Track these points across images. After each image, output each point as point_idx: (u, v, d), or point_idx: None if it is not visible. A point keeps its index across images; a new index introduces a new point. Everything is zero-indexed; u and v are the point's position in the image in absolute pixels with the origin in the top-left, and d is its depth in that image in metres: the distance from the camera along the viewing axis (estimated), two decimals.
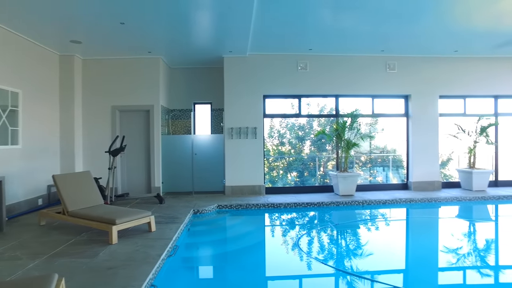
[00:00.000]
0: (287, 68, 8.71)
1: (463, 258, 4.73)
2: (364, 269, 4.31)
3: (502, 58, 9.28)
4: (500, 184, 9.61)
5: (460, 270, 4.36)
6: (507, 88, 9.42)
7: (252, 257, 4.91)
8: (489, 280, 4.09)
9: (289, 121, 10.32)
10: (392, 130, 9.98)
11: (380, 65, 8.94)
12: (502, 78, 9.37)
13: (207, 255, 5.22)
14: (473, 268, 4.42)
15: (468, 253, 4.99)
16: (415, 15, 6.30)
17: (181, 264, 4.54)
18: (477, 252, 5.04)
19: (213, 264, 4.84)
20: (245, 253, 5.07)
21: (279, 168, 10.52)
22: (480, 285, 3.96)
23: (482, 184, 8.79)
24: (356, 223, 6.75)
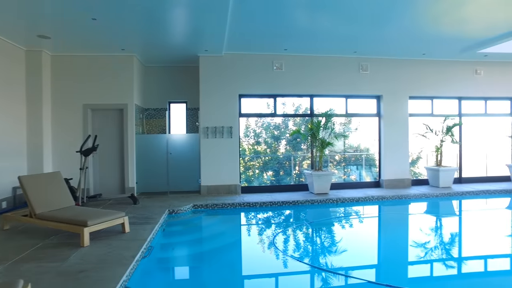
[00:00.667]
0: (262, 68, 8.76)
1: (431, 251, 4.95)
2: (338, 265, 4.41)
3: (465, 62, 9.76)
4: (464, 180, 10.12)
5: (428, 263, 4.55)
6: (469, 90, 9.92)
7: (228, 256, 4.91)
8: (454, 271, 4.31)
9: (265, 121, 10.38)
10: (365, 129, 10.26)
11: (353, 66, 9.17)
12: (465, 80, 9.86)
13: (182, 255, 5.17)
14: (439, 260, 4.63)
15: (435, 246, 5.23)
16: (386, 19, 6.50)
17: (156, 265, 4.47)
18: (443, 245, 5.29)
19: (189, 264, 4.80)
20: (221, 252, 5.06)
21: (255, 168, 10.56)
22: (447, 276, 4.16)
23: (448, 181, 9.22)
24: (330, 220, 6.90)
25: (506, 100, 10.47)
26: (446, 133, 9.36)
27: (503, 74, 10.06)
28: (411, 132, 9.64)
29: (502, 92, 10.16)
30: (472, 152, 10.53)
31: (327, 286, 3.83)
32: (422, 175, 10.40)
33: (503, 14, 6.54)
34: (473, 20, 6.75)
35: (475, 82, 9.92)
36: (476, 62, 9.83)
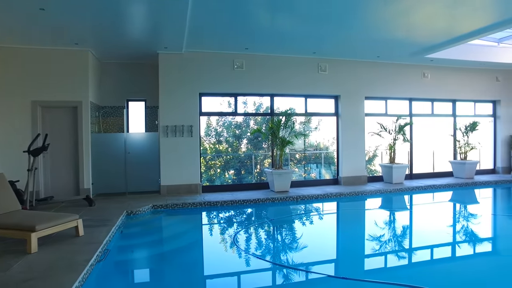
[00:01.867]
0: (223, 67, 8.74)
1: (385, 244, 5.23)
2: (299, 261, 4.53)
3: (414, 65, 10.40)
4: (414, 176, 10.79)
5: (382, 255, 4.81)
6: (418, 92, 10.59)
7: (190, 257, 4.86)
8: (405, 261, 4.59)
9: (226, 120, 10.37)
10: (324, 128, 10.60)
11: (313, 66, 9.42)
12: (415, 83, 10.51)
13: (142, 258, 5.03)
14: (392, 252, 4.90)
15: (389, 239, 5.52)
16: (343, 21, 6.75)
17: (113, 269, 4.33)
18: (396, 237, 5.61)
19: (148, 266, 4.69)
20: (182, 253, 5.00)
21: (217, 167, 10.52)
22: (400, 266, 4.42)
23: (400, 177, 9.77)
24: (291, 218, 7.06)
25: (449, 102, 11.30)
26: (398, 132, 9.91)
27: (447, 78, 10.85)
28: (367, 131, 10.10)
29: (446, 94, 10.96)
30: (421, 150, 11.25)
31: (289, 282, 3.90)
32: (377, 172, 10.93)
33: (444, 24, 7.07)
34: (419, 27, 7.22)
35: (423, 84, 10.60)
36: (424, 66, 10.51)
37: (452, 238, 5.58)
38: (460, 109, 11.47)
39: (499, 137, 11.74)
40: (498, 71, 11.41)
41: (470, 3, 6.05)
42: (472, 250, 5.06)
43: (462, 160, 10.70)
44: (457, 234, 5.83)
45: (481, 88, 11.34)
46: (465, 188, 9.73)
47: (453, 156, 11.38)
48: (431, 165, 11.55)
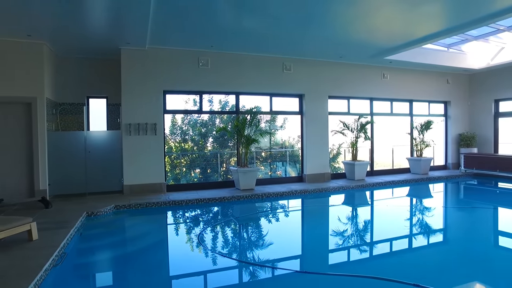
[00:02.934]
0: (188, 64, 8.62)
1: (348, 239, 5.42)
2: (266, 258, 4.58)
3: (375, 67, 10.86)
4: (375, 173, 11.27)
5: (346, 249, 4.98)
6: (379, 92, 11.07)
7: (154, 257, 4.76)
8: (366, 254, 4.79)
9: (192, 118, 10.24)
10: (290, 127, 10.76)
11: (278, 65, 9.54)
12: (375, 83, 10.97)
13: (102, 260, 4.86)
14: (355, 246, 5.09)
15: (352, 233, 5.73)
16: (307, 21, 6.88)
17: (71, 273, 4.15)
18: (359, 232, 5.83)
19: (110, 269, 4.55)
20: (146, 254, 4.89)
21: (182, 165, 10.37)
22: (362, 259, 4.61)
23: (362, 174, 10.17)
24: (256, 215, 7.12)
25: (406, 102, 11.92)
26: (360, 131, 10.29)
27: (404, 79, 11.43)
28: (331, 129, 10.40)
29: (404, 94, 11.54)
30: (382, 148, 11.77)
31: (256, 279, 3.94)
32: (341, 169, 11.29)
33: (401, 28, 7.45)
34: (379, 30, 7.55)
35: (383, 85, 11.09)
36: (383, 67, 10.99)
37: (409, 230, 5.91)
38: (416, 108, 12.12)
39: (450, 136, 12.55)
40: (448, 74, 12.19)
41: (423, 10, 6.42)
42: (427, 240, 5.39)
43: (418, 157, 11.31)
44: (414, 227, 6.18)
45: (434, 90, 12.06)
46: (420, 183, 10.31)
47: (410, 153, 12.01)
48: (391, 162, 12.12)
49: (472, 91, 12.71)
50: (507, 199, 9.00)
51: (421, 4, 6.12)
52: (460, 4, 6.27)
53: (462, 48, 11.21)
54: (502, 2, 6.16)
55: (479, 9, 6.47)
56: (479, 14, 6.70)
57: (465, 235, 5.76)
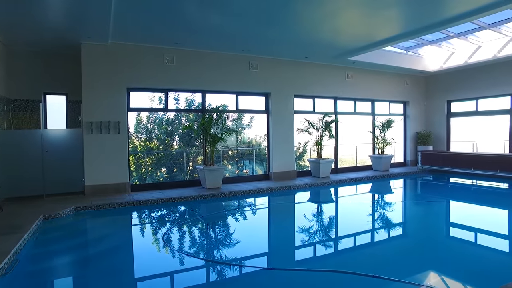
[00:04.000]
0: (153, 61, 8.43)
1: (314, 235, 5.56)
2: (233, 256, 4.58)
3: (339, 67, 11.19)
4: (339, 170, 11.63)
5: (311, 245, 5.09)
6: (342, 91, 11.42)
7: (117, 260, 4.60)
8: (330, 250, 4.93)
9: (158, 116, 10.03)
10: (257, 125, 10.83)
11: (244, 64, 9.57)
12: (339, 83, 11.31)
13: (60, 265, 4.60)
14: (319, 242, 5.24)
15: (317, 230, 5.88)
16: (272, 20, 6.96)
17: (23, 282, 3.88)
18: (324, 228, 6.00)
19: (68, 275, 4.33)
20: (109, 257, 4.71)
21: (147, 165, 10.13)
22: (326, 254, 4.74)
23: (327, 171, 10.45)
24: (223, 214, 7.12)
25: (369, 101, 12.40)
26: (325, 129, 10.56)
27: (367, 80, 11.88)
28: (296, 127, 10.59)
29: (366, 94, 12.00)
30: (346, 146, 12.16)
31: (223, 278, 3.93)
32: (307, 167, 11.53)
33: (363, 30, 7.73)
34: (342, 31, 7.80)
35: (346, 85, 11.45)
36: (347, 68, 11.35)
37: (371, 225, 6.16)
38: (378, 108, 12.65)
39: (408, 134, 13.22)
40: (407, 75, 12.83)
41: (384, 14, 6.73)
42: (387, 234, 5.65)
43: (380, 155, 11.81)
44: (375, 222, 6.45)
45: (394, 90, 12.64)
46: (382, 179, 10.77)
47: (372, 151, 12.51)
48: (354, 159, 12.56)
49: (428, 92, 13.46)
50: (458, 193, 9.64)
51: (382, 8, 6.40)
52: (416, 10, 6.65)
53: (419, 51, 11.83)
54: (451, 11, 6.70)
55: (432, 16, 6.93)
56: (432, 20, 7.17)
57: (421, 227, 6.11)
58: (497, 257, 4.51)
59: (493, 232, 5.60)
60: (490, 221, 6.38)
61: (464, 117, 12.57)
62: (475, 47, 10.89)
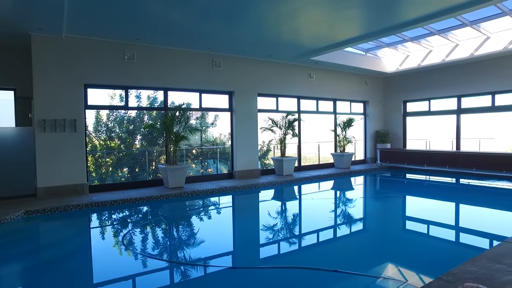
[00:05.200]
0: (112, 57, 8.10)
1: (278, 232, 5.60)
2: (197, 256, 4.51)
3: (301, 66, 11.40)
4: (303, 168, 11.86)
5: (275, 243, 5.13)
6: (305, 91, 11.65)
7: (73, 266, 4.33)
8: (293, 246, 5.01)
9: (119, 114, 9.66)
10: (221, 124, 10.77)
11: (207, 61, 9.46)
12: (302, 82, 11.53)
13: (6, 275, 4.25)
14: (283, 239, 5.28)
15: (281, 227, 5.94)
16: (235, 18, 6.93)
17: None
18: (288, 225, 6.07)
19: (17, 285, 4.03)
20: (63, 263, 4.43)
21: (108, 165, 9.74)
22: (289, 251, 4.80)
23: (290, 169, 10.61)
24: (186, 213, 7.00)
25: (331, 100, 12.76)
26: (288, 128, 10.71)
27: (329, 79, 12.22)
28: (260, 126, 10.65)
29: (328, 93, 12.33)
30: (309, 144, 12.43)
31: (188, 279, 3.85)
32: (271, 165, 11.64)
33: (325, 30, 7.93)
34: (304, 31, 7.94)
35: (309, 84, 11.69)
36: (310, 67, 11.59)
37: (333, 221, 6.33)
38: (339, 107, 13.04)
39: (368, 132, 13.77)
40: (367, 76, 13.35)
41: (344, 15, 6.93)
42: (348, 229, 5.84)
43: (341, 153, 12.18)
44: (336, 218, 6.63)
45: (354, 90, 13.10)
46: (343, 177, 11.12)
47: (334, 149, 12.88)
48: (317, 157, 12.86)
49: (386, 92, 14.08)
50: (413, 188, 10.19)
51: (341, 9, 6.59)
52: (373, 13, 6.94)
53: (377, 53, 12.35)
54: (405, 16, 7.12)
55: (388, 20, 7.31)
56: (388, 24, 7.56)
57: (379, 221, 6.39)
58: (445, 245, 4.84)
59: (442, 223, 5.99)
60: (440, 213, 6.80)
61: (418, 116, 13.29)
62: (427, 51, 11.55)
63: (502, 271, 2.73)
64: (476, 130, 12.00)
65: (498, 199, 8.12)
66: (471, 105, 11.62)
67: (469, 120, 11.81)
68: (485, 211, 6.98)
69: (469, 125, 11.85)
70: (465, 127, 11.86)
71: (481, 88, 11.08)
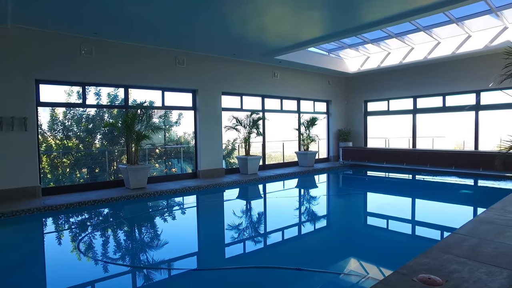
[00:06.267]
0: (68, 51, 7.65)
1: (242, 232, 5.57)
2: (160, 259, 4.37)
3: (266, 65, 11.47)
4: (267, 167, 11.94)
5: (241, 242, 5.11)
6: (270, 89, 11.73)
7: (25, 276, 3.98)
8: (257, 246, 5.00)
9: (77, 112, 9.18)
10: (186, 122, 10.58)
11: (170, 59, 9.23)
12: (267, 81, 11.59)
13: None
14: (247, 239, 5.26)
15: (246, 226, 5.91)
16: (199, 14, 6.78)
17: None
18: (253, 224, 6.06)
19: None
20: (12, 275, 4.06)
21: (65, 165, 9.23)
22: (253, 250, 4.79)
23: (255, 168, 10.63)
24: (148, 215, 6.79)
25: (295, 100, 12.95)
26: (252, 126, 10.72)
27: (293, 79, 12.39)
28: (224, 125, 10.57)
29: (292, 93, 12.50)
30: (273, 142, 12.54)
31: (149, 283, 3.71)
32: (236, 164, 11.60)
33: (288, 29, 8.01)
34: (268, 30, 7.97)
35: (274, 83, 11.79)
36: (274, 67, 11.68)
37: (297, 219, 6.41)
38: (303, 106, 13.26)
39: (331, 131, 14.14)
40: (329, 76, 13.69)
41: (307, 15, 7.03)
42: (312, 227, 5.94)
43: (305, 151, 12.40)
44: (300, 215, 6.72)
45: (318, 89, 13.39)
46: (307, 175, 11.32)
47: (298, 148, 13.09)
48: (281, 156, 13.00)
49: (348, 92, 14.52)
50: (373, 185, 10.59)
51: (305, 9, 6.68)
52: (335, 15, 7.12)
53: (340, 54, 12.69)
54: (365, 18, 7.33)
55: (349, 21, 7.51)
56: (349, 25, 7.76)
57: (341, 218, 6.56)
58: (403, 238, 5.09)
59: (400, 217, 6.28)
60: (398, 208, 7.13)
61: (378, 115, 13.84)
62: (386, 53, 12.05)
63: (450, 260, 2.89)
64: (430, 129, 12.74)
65: (448, 193, 8.65)
66: (425, 105, 12.28)
67: (424, 120, 12.49)
68: (438, 204, 7.39)
69: (424, 124, 12.54)
70: (421, 126, 12.52)
71: (434, 90, 11.74)
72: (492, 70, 9.59)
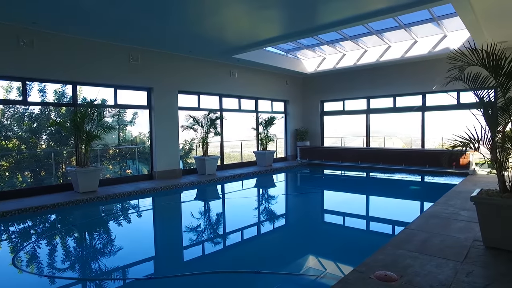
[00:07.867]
0: (4, 42, 6.94)
1: (200, 235, 5.41)
2: (114, 267, 4.08)
3: (224, 64, 11.34)
4: (225, 167, 11.81)
5: (199, 245, 4.95)
6: (228, 88, 11.60)
7: None
8: (215, 249, 4.88)
9: (18, 110, 8.40)
10: (141, 122, 10.12)
11: (123, 55, 8.78)
12: (225, 80, 11.46)
13: None
14: (205, 242, 5.12)
15: (205, 228, 5.76)
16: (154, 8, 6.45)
17: None
18: (212, 226, 5.91)
19: None
20: None
21: (3, 169, 8.42)
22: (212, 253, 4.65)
23: (213, 168, 10.45)
24: (99, 220, 6.39)
25: (253, 99, 12.95)
26: (210, 126, 10.53)
27: (251, 78, 12.38)
28: (181, 124, 10.28)
29: (251, 92, 12.49)
30: (232, 142, 12.43)
31: None
32: (194, 165, 11.32)
33: (246, 28, 7.95)
34: (226, 28, 7.85)
35: (232, 82, 11.68)
36: (232, 66, 11.58)
37: (256, 220, 6.36)
38: (261, 106, 13.29)
39: (289, 131, 14.33)
40: (287, 76, 13.87)
41: (264, 14, 7.02)
42: (271, 227, 5.93)
43: (263, 150, 12.43)
44: (259, 216, 6.70)
45: (276, 89, 13.50)
46: (265, 174, 11.35)
47: (256, 147, 13.10)
48: (240, 155, 12.93)
49: (305, 92, 14.81)
50: (330, 183, 10.89)
51: (260, 8, 6.64)
52: (291, 15, 7.17)
53: (297, 54, 12.89)
54: (321, 19, 7.50)
55: (305, 22, 7.63)
56: (305, 26, 7.89)
57: (299, 217, 6.63)
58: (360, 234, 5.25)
59: (357, 214, 6.49)
60: (354, 205, 7.35)
61: (334, 115, 14.26)
62: (341, 55, 12.44)
63: (403, 256, 2.99)
64: (382, 128, 13.38)
65: (400, 189, 9.11)
66: (378, 105, 12.86)
67: (377, 120, 13.08)
68: (390, 200, 7.75)
69: (377, 124, 13.14)
70: (374, 126, 13.10)
71: (385, 91, 12.32)
72: (436, 73, 10.24)
